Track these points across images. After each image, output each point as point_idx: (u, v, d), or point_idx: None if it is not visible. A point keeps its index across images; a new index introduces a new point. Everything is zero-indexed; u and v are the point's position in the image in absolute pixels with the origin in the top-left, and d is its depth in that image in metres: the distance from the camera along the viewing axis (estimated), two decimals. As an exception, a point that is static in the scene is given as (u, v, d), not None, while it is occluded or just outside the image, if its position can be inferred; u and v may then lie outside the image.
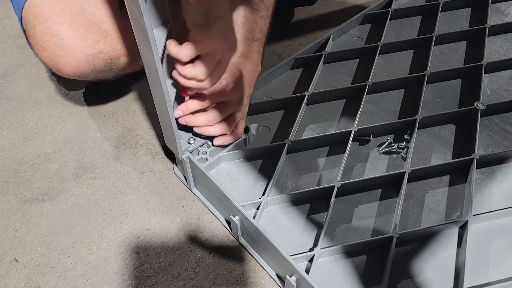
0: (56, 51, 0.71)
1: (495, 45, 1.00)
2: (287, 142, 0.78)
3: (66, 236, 0.76)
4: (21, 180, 0.84)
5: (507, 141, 0.82)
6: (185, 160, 0.73)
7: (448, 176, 0.78)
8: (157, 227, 0.77)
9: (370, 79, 0.88)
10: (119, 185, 0.83)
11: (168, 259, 0.73)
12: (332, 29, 0.98)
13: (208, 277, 0.71)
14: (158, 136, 0.90)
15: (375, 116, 0.86)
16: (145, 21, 0.52)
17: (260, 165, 0.79)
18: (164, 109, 0.65)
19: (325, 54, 0.94)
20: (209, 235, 0.76)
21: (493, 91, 0.91)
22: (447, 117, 0.85)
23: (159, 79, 0.60)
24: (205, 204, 0.79)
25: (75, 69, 0.74)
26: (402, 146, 0.80)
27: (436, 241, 0.70)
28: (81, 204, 0.80)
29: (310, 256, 0.66)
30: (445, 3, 1.06)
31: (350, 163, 0.79)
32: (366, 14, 1.03)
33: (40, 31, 0.71)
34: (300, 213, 0.74)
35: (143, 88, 0.98)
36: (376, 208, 0.74)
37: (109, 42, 0.73)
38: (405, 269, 0.68)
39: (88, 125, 0.92)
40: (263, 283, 0.70)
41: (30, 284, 0.71)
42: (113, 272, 0.72)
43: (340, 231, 0.71)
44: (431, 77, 0.90)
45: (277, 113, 0.87)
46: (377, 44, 0.95)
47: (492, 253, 0.69)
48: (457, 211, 0.73)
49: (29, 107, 0.95)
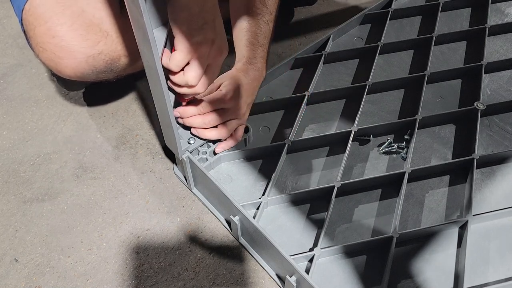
0: (57, 52, 0.71)
1: (495, 45, 1.00)
2: (287, 142, 0.78)
3: (66, 236, 0.76)
4: (21, 180, 0.84)
5: (507, 141, 0.82)
6: (185, 160, 0.73)
7: (448, 176, 0.78)
8: (157, 227, 0.77)
9: (370, 79, 0.89)
10: (119, 185, 0.83)
11: (168, 259, 0.73)
12: (332, 29, 0.98)
13: (208, 277, 0.71)
14: (158, 136, 0.90)
15: (375, 116, 0.86)
16: (145, 21, 0.52)
17: (260, 165, 0.79)
18: (164, 109, 0.65)
19: (325, 54, 0.94)
20: (209, 235, 0.76)
21: (493, 91, 0.91)
22: (447, 117, 0.85)
23: (159, 79, 0.60)
24: (205, 204, 0.79)
25: (75, 70, 0.74)
26: (402, 146, 0.80)
27: (436, 241, 0.70)
28: (81, 204, 0.80)
29: (310, 256, 0.66)
30: (445, 3, 1.06)
31: (350, 163, 0.79)
32: (366, 14, 1.03)
33: (41, 33, 0.71)
34: (300, 213, 0.74)
35: (143, 88, 0.98)
36: (376, 208, 0.74)
37: (109, 43, 0.73)
38: (405, 269, 0.68)
39: (88, 125, 0.92)
40: (263, 283, 0.70)
41: (30, 284, 0.71)
42: (113, 272, 0.72)
43: (340, 231, 0.71)
44: (431, 77, 0.90)
45: (277, 113, 0.87)
46: (377, 44, 0.95)
47: (492, 253, 0.69)
48: (457, 211, 0.73)
49: (29, 107, 0.95)
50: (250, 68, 0.77)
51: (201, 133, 0.74)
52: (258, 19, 0.78)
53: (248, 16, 0.77)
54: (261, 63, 0.78)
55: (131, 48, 0.76)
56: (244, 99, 0.75)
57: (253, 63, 0.77)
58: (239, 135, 0.77)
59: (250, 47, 0.77)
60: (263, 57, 0.79)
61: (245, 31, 0.77)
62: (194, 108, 0.71)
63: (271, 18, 0.80)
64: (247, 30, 0.77)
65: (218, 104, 0.72)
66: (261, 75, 0.79)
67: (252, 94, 0.77)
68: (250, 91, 0.76)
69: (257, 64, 0.77)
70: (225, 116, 0.74)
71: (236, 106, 0.74)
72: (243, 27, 0.78)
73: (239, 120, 0.76)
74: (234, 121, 0.75)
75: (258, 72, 0.77)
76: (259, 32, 0.78)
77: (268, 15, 0.79)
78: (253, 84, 0.77)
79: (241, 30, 0.78)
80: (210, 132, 0.74)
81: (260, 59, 0.78)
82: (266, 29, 0.79)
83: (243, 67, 0.76)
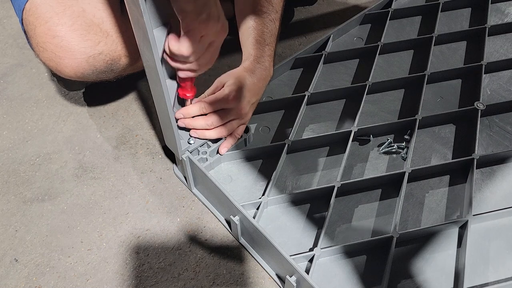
0: (57, 52, 0.71)
1: (495, 45, 1.00)
2: (287, 142, 0.78)
3: (66, 236, 0.76)
4: (21, 180, 0.84)
5: (507, 141, 0.82)
6: (185, 160, 0.73)
7: (448, 176, 0.78)
8: (157, 227, 0.77)
9: (370, 79, 0.88)
10: (119, 185, 0.83)
11: (168, 259, 0.73)
12: (332, 29, 0.98)
13: (208, 277, 0.71)
14: (158, 136, 0.90)
15: (375, 116, 0.86)
16: (145, 21, 0.52)
17: (260, 165, 0.79)
18: (164, 109, 0.65)
19: (325, 54, 0.94)
20: (209, 235, 0.76)
21: (493, 91, 0.91)
22: (447, 117, 0.85)
23: (159, 79, 0.60)
24: (205, 204, 0.79)
25: (76, 70, 0.74)
26: (402, 146, 0.80)
27: (436, 241, 0.70)
28: (81, 204, 0.80)
29: (310, 256, 0.66)
30: (445, 3, 1.06)
31: (350, 163, 0.79)
32: (366, 14, 1.03)
33: (41, 32, 0.71)
34: (300, 213, 0.74)
35: (143, 88, 0.98)
36: (376, 208, 0.74)
37: (110, 43, 0.73)
38: (405, 269, 0.68)
39: (88, 125, 0.92)
40: (263, 283, 0.70)
41: (30, 284, 0.71)
42: (113, 272, 0.72)
43: (340, 231, 0.71)
44: (431, 77, 0.90)
45: (277, 113, 0.87)
46: (377, 44, 0.95)
47: (492, 253, 0.69)
48: (457, 211, 0.73)
49: (29, 107, 0.96)
50: (258, 67, 0.76)
51: (201, 134, 0.74)
52: (264, 18, 0.78)
53: (254, 14, 0.77)
54: (268, 61, 0.78)
55: (131, 48, 0.76)
56: (248, 99, 0.74)
57: (261, 62, 0.77)
58: (239, 133, 0.77)
59: (257, 46, 0.76)
60: (270, 56, 0.78)
61: (252, 30, 0.77)
62: (197, 108, 0.71)
63: (277, 17, 0.80)
64: (253, 29, 0.77)
65: (221, 104, 0.72)
66: (269, 74, 0.78)
67: (257, 94, 0.77)
68: (255, 91, 0.75)
69: (264, 63, 0.77)
70: (228, 116, 0.73)
71: (239, 106, 0.73)
72: (249, 25, 0.77)
73: (241, 120, 0.75)
74: (235, 121, 0.75)
75: (265, 71, 0.77)
76: (265, 30, 0.77)
77: (274, 13, 0.79)
78: (259, 84, 0.76)
79: (248, 28, 0.77)
80: (210, 133, 0.74)
81: (268, 57, 0.78)
82: (272, 27, 0.78)
83: (250, 65, 0.76)
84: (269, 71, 0.78)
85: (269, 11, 0.78)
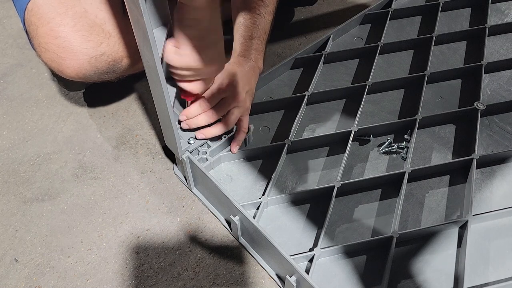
0: (59, 52, 0.71)
1: (495, 45, 1.00)
2: (287, 142, 0.78)
3: (66, 236, 0.76)
4: (21, 180, 0.84)
5: (507, 141, 0.82)
6: (185, 160, 0.73)
7: (448, 176, 0.78)
8: (157, 227, 0.77)
9: (370, 79, 0.89)
10: (119, 185, 0.83)
11: (168, 259, 0.73)
12: (332, 29, 0.98)
13: (208, 277, 0.71)
14: (158, 136, 0.90)
15: (375, 116, 0.86)
16: (145, 21, 0.52)
17: (260, 165, 0.79)
18: (164, 109, 0.65)
19: (325, 54, 0.94)
20: (209, 235, 0.76)
21: (493, 91, 0.91)
22: (447, 117, 0.85)
23: (159, 79, 0.60)
24: (205, 204, 0.79)
25: (77, 71, 0.74)
26: (402, 146, 0.80)
27: (436, 241, 0.70)
28: (81, 204, 0.80)
29: (310, 256, 0.66)
30: (445, 3, 1.06)
31: (350, 163, 0.79)
32: (366, 14, 1.03)
33: (43, 33, 0.71)
34: (300, 213, 0.74)
35: (143, 88, 0.98)
36: (376, 208, 0.74)
37: (112, 44, 0.73)
38: (405, 269, 0.68)
39: (88, 125, 0.92)
40: (263, 283, 0.70)
41: (30, 284, 0.71)
42: (113, 272, 0.72)
43: (340, 231, 0.71)
44: (431, 77, 0.90)
45: (277, 113, 0.87)
46: (377, 44, 0.95)
47: (492, 253, 0.69)
48: (457, 211, 0.73)
49: (29, 107, 0.95)
50: (242, 60, 0.77)
51: (207, 133, 0.74)
52: (252, 13, 0.78)
53: (243, 10, 0.78)
54: (254, 54, 0.78)
55: (133, 49, 0.76)
56: (241, 85, 0.75)
57: (246, 55, 0.77)
58: (245, 127, 0.77)
59: (242, 42, 0.78)
60: (257, 49, 0.79)
61: (239, 26, 0.78)
62: (198, 107, 0.72)
63: (267, 10, 0.80)
64: (241, 25, 0.78)
65: (217, 94, 0.72)
66: (256, 65, 0.79)
67: (249, 83, 0.77)
68: (245, 79, 0.76)
69: (250, 56, 0.78)
70: (226, 104, 0.74)
71: (234, 91, 0.74)
72: (239, 23, 0.79)
73: (240, 108, 0.75)
74: (236, 109, 0.75)
75: (251, 62, 0.78)
76: (253, 25, 0.78)
77: (263, 7, 0.80)
78: (249, 74, 0.77)
79: (237, 26, 0.79)
80: (214, 128, 0.74)
81: (253, 51, 0.78)
82: (261, 21, 0.79)
83: (235, 60, 0.77)
84: (257, 63, 0.79)
85: (259, 6, 0.79)
